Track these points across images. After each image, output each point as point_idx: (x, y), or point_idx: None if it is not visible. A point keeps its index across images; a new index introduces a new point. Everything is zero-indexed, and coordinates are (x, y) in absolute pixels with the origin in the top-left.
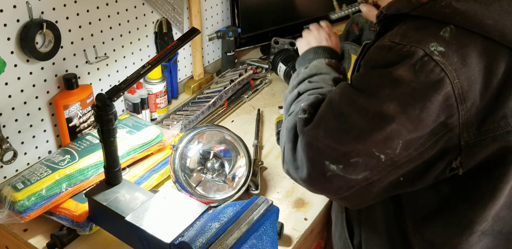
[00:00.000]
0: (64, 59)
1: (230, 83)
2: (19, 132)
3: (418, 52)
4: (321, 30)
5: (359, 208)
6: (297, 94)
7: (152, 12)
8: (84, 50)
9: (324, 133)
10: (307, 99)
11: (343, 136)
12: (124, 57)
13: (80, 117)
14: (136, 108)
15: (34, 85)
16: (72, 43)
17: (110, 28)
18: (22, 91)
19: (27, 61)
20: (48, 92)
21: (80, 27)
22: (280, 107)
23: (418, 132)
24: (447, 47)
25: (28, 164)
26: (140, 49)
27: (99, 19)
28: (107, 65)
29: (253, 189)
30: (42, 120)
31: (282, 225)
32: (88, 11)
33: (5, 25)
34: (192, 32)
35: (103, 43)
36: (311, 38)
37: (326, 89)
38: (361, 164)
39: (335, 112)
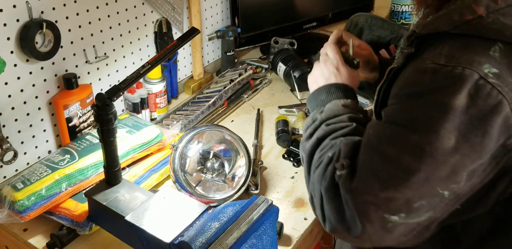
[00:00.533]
0: (64, 58)
1: (230, 83)
2: (19, 131)
3: (473, 76)
4: (328, 63)
5: (412, 246)
6: (317, 141)
7: (152, 11)
8: (84, 50)
9: (378, 185)
10: (332, 146)
11: (401, 183)
12: (124, 56)
13: (80, 116)
14: (136, 107)
15: (34, 85)
16: (72, 42)
17: (110, 27)
18: (22, 90)
19: (27, 60)
20: (48, 91)
21: (80, 26)
22: (280, 107)
23: (481, 159)
24: (500, 68)
25: (28, 163)
26: (140, 49)
27: (99, 19)
28: (107, 64)
29: (253, 189)
30: (42, 119)
31: (282, 225)
32: (88, 10)
33: (4, 24)
34: (192, 32)
35: (103, 42)
36: (318, 75)
37: (348, 129)
38: (424, 206)
39: (381, 158)
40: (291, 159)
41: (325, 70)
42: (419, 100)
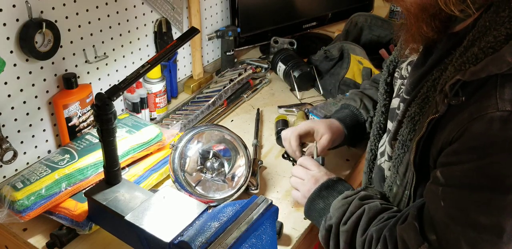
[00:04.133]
0: (63, 58)
1: (230, 83)
2: (19, 131)
3: None
4: (308, 175)
5: None
6: (348, 246)
7: (151, 11)
8: (84, 50)
9: None
10: (371, 240)
11: (507, 246)
12: (123, 56)
13: (79, 116)
14: (136, 107)
15: (33, 85)
16: (71, 42)
17: (110, 27)
18: (21, 90)
19: (27, 60)
20: (47, 91)
21: (79, 26)
22: (280, 107)
23: None
24: None
25: (27, 163)
26: (139, 49)
27: (99, 19)
28: (106, 64)
29: (253, 188)
30: (41, 119)
31: (281, 225)
32: (87, 10)
33: (4, 24)
34: (192, 32)
35: (103, 42)
36: (303, 189)
37: (365, 215)
38: None
39: (477, 230)
40: (291, 158)
41: (306, 182)
42: (497, 155)
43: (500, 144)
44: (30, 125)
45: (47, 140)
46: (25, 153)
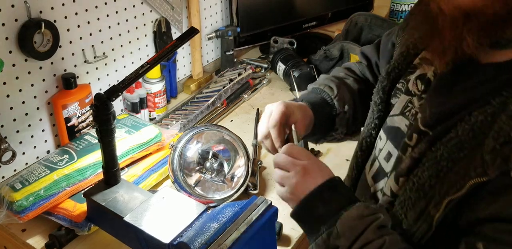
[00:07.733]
0: (62, 58)
1: (229, 83)
2: (18, 131)
3: None
4: (296, 166)
5: None
6: None
7: (151, 11)
8: (83, 50)
9: None
10: None
11: None
12: (123, 56)
13: (78, 116)
14: (135, 107)
15: (32, 85)
16: (70, 42)
17: (109, 27)
18: (20, 90)
19: (26, 60)
20: (46, 91)
21: (78, 26)
22: None
23: None
24: None
25: (26, 164)
26: (139, 49)
27: (98, 19)
28: (105, 64)
29: (252, 189)
30: (40, 119)
31: (281, 225)
32: (86, 10)
33: (3, 24)
34: (191, 32)
35: (102, 42)
36: (290, 183)
37: (385, 243)
38: None
39: None
40: None
41: (298, 178)
42: None
43: None
44: (29, 125)
45: (46, 141)
46: (24, 153)
